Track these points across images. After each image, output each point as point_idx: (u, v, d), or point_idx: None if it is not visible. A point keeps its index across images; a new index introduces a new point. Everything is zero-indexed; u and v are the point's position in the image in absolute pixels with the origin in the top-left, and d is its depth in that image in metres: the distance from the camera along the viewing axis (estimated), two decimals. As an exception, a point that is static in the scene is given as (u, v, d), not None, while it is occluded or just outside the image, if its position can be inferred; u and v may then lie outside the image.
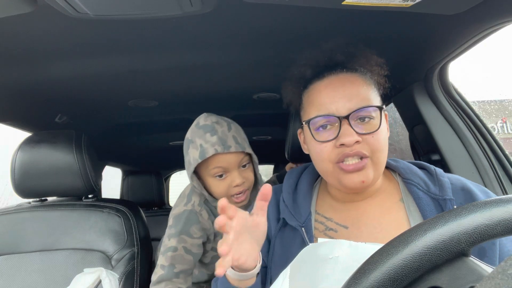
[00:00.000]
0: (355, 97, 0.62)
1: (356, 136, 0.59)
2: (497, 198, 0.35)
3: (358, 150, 0.60)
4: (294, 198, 0.71)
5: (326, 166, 0.64)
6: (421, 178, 0.66)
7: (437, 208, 0.61)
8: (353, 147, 0.60)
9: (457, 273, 0.33)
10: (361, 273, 0.34)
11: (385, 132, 0.63)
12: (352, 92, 0.62)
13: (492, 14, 0.70)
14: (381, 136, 0.61)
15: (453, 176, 0.67)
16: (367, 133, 0.60)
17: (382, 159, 0.62)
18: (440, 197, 0.61)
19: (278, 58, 0.99)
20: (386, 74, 0.70)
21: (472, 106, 1.03)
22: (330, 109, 0.62)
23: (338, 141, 0.60)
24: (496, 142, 1.00)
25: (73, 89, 1.14)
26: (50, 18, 0.69)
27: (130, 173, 2.61)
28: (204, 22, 0.75)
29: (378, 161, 0.61)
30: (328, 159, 0.63)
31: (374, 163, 0.61)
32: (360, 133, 0.60)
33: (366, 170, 0.61)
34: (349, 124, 0.60)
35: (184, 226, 1.00)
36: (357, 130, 0.60)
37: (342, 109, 0.61)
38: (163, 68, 1.03)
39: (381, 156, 0.62)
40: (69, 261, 1.10)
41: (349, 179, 0.61)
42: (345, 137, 0.60)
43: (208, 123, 0.98)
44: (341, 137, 0.60)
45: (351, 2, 0.63)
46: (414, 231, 0.35)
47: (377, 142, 0.60)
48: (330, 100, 0.63)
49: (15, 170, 1.14)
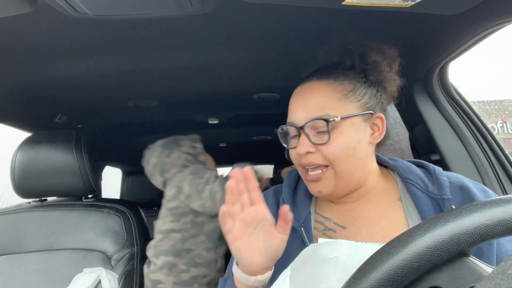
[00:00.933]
0: (312, 107, 0.63)
1: (307, 147, 0.61)
2: (497, 198, 0.35)
3: (311, 161, 0.62)
4: (293, 199, 0.71)
5: (299, 169, 0.68)
6: (420, 177, 0.66)
7: (436, 208, 0.61)
8: (307, 157, 0.62)
9: (457, 273, 0.33)
10: (361, 273, 0.34)
11: (347, 141, 0.62)
12: (311, 102, 0.63)
13: (492, 14, 0.70)
14: (337, 146, 0.61)
15: (452, 174, 0.67)
16: (320, 143, 0.61)
17: (346, 169, 0.62)
18: (438, 197, 0.61)
19: (278, 58, 0.99)
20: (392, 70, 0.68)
21: (472, 106, 1.03)
22: (292, 118, 0.65)
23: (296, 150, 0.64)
24: (496, 142, 1.00)
25: (73, 89, 1.14)
26: (50, 18, 0.69)
27: (130, 173, 2.61)
28: (204, 22, 0.75)
29: (340, 171, 0.62)
30: (297, 164, 0.66)
31: (336, 173, 0.62)
32: (314, 143, 0.61)
33: (324, 181, 0.63)
34: (304, 134, 0.62)
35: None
36: (312, 140, 0.61)
37: (300, 118, 0.63)
38: (163, 68, 1.03)
39: (342, 166, 0.62)
40: (69, 261, 1.10)
41: (310, 187, 0.66)
42: (298, 147, 0.62)
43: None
44: (297, 146, 0.63)
45: (351, 2, 0.63)
46: (414, 231, 0.35)
47: (331, 152, 0.61)
48: (293, 109, 0.66)
49: (15, 170, 1.14)
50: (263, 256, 0.55)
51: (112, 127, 1.72)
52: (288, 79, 0.75)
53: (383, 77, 0.67)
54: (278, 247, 0.55)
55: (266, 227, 0.55)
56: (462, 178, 0.65)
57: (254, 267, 0.55)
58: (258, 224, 0.56)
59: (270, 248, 0.55)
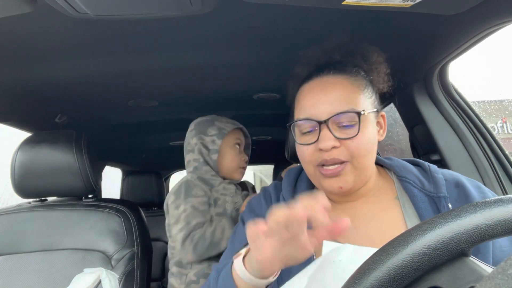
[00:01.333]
0: (336, 101, 0.61)
1: (333, 141, 0.60)
2: (497, 198, 0.35)
3: (334, 156, 0.60)
4: (294, 197, 0.71)
5: (308, 167, 0.65)
6: (416, 175, 0.66)
7: (432, 206, 0.61)
8: (331, 152, 0.60)
9: (457, 273, 0.33)
10: (361, 273, 0.34)
11: (368, 136, 0.61)
12: (334, 96, 0.62)
13: (492, 14, 0.70)
14: (362, 141, 0.60)
15: (447, 171, 0.67)
16: (346, 138, 0.60)
17: (365, 164, 0.62)
18: (434, 195, 0.61)
19: (278, 58, 0.99)
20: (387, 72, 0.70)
21: (472, 106, 1.03)
22: (311, 113, 0.63)
23: (317, 145, 0.61)
24: (496, 142, 1.00)
25: (73, 89, 1.14)
26: (50, 18, 0.69)
27: (130, 173, 2.61)
28: (204, 22, 0.75)
29: (359, 166, 0.61)
30: (310, 161, 0.63)
31: (355, 168, 0.61)
32: (339, 138, 0.60)
33: (345, 176, 0.61)
34: (328, 128, 0.60)
35: (186, 191, 1.12)
36: (336, 135, 0.60)
37: (322, 113, 0.61)
38: (163, 68, 1.03)
39: (362, 161, 0.61)
40: (69, 261, 1.10)
41: (328, 183, 0.62)
42: (322, 142, 0.60)
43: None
44: (319, 141, 0.61)
45: (351, 2, 0.63)
46: (414, 231, 0.35)
47: (357, 147, 0.60)
48: (311, 104, 0.63)
49: (15, 170, 1.14)
50: (283, 264, 0.51)
51: (112, 127, 1.72)
52: (288, 79, 0.75)
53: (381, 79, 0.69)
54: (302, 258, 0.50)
55: (300, 240, 0.48)
56: (457, 175, 0.65)
57: (268, 272, 0.51)
58: (294, 238, 0.48)
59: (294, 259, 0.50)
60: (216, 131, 1.21)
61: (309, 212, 0.44)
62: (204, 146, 1.21)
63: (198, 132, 1.22)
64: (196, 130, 1.23)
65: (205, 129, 1.22)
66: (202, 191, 1.13)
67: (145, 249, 1.18)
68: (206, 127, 1.22)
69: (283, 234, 0.46)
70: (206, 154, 1.20)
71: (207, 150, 1.21)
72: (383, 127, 0.68)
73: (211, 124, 1.23)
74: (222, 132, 1.21)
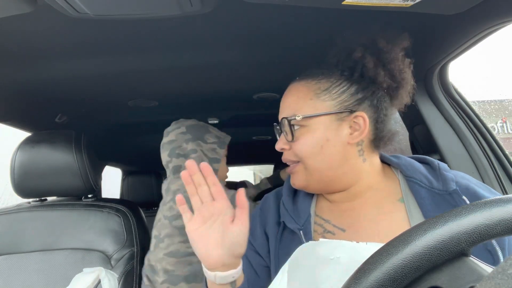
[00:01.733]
0: (285, 107, 0.68)
1: (281, 144, 0.68)
2: (497, 198, 0.35)
3: (285, 157, 0.69)
4: (294, 201, 0.71)
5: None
6: (423, 174, 0.64)
7: (442, 205, 0.59)
8: (284, 153, 0.69)
9: (457, 273, 0.33)
10: (361, 272, 0.34)
11: (313, 140, 0.63)
12: (286, 102, 0.68)
13: (492, 14, 0.70)
14: (302, 144, 0.65)
15: (458, 173, 0.64)
16: (288, 141, 0.66)
17: (313, 165, 0.64)
18: (445, 192, 0.60)
19: (278, 58, 0.99)
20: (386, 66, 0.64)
21: (472, 106, 1.03)
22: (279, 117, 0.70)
23: None
24: (496, 142, 1.00)
25: (73, 89, 1.14)
26: (50, 18, 0.69)
27: (130, 173, 2.61)
28: (204, 22, 0.75)
29: (308, 167, 0.65)
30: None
31: (306, 169, 0.66)
32: (287, 141, 0.67)
33: (296, 175, 0.67)
34: (281, 132, 0.68)
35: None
36: (286, 138, 0.66)
37: (280, 117, 0.69)
38: (163, 68, 1.03)
39: (309, 162, 0.64)
40: (68, 261, 1.10)
41: (290, 179, 0.70)
42: (276, 144, 0.69)
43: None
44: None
45: (351, 2, 0.63)
46: (414, 231, 0.35)
47: (297, 149, 0.65)
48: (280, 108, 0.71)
49: (14, 170, 1.14)
50: (220, 250, 0.55)
51: (112, 127, 1.72)
52: (288, 79, 0.75)
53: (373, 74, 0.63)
54: (236, 240, 0.54)
55: (225, 221, 0.56)
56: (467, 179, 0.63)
57: (211, 260, 0.55)
58: (218, 219, 0.56)
59: (227, 241, 0.54)
60: (215, 139, 1.20)
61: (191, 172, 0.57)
62: (204, 154, 1.17)
63: (194, 138, 1.17)
64: (192, 135, 1.18)
65: (202, 135, 1.18)
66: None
67: (145, 249, 1.18)
68: (203, 133, 1.19)
69: (200, 209, 0.56)
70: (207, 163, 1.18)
71: (207, 158, 1.18)
72: (361, 128, 0.63)
73: (206, 130, 1.20)
74: (223, 142, 1.21)
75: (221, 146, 1.20)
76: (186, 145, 1.17)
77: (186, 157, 1.16)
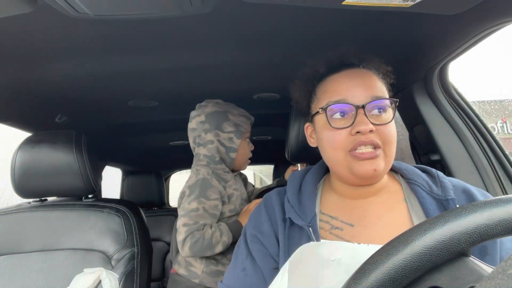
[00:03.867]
0: (372, 88, 0.63)
1: (371, 125, 0.60)
2: (497, 198, 0.35)
3: (372, 139, 0.61)
4: (299, 199, 0.71)
5: (337, 154, 0.64)
6: (424, 179, 0.67)
7: (440, 209, 0.61)
8: (368, 135, 0.61)
9: (457, 273, 0.33)
10: (361, 273, 0.34)
11: (395, 126, 0.65)
12: (370, 83, 0.64)
13: (492, 14, 0.70)
14: (393, 129, 0.63)
15: (453, 179, 0.69)
16: (381, 124, 0.62)
17: (392, 152, 0.64)
18: (443, 198, 0.62)
19: (278, 58, 0.99)
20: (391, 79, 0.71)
21: (472, 106, 1.03)
22: (347, 96, 0.63)
23: (354, 129, 0.61)
24: (496, 142, 1.00)
25: (73, 89, 1.14)
26: (50, 18, 0.69)
27: (130, 173, 2.61)
28: (204, 22, 0.75)
29: (389, 153, 0.63)
30: (341, 147, 0.63)
31: (386, 155, 0.62)
32: (374, 124, 0.61)
33: (378, 160, 0.61)
34: (364, 113, 0.61)
35: (201, 190, 1.11)
36: (371, 120, 0.61)
37: (359, 97, 0.63)
38: (163, 68, 1.03)
39: (391, 149, 0.63)
40: (69, 261, 1.10)
41: (362, 166, 0.62)
42: (360, 125, 0.60)
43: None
44: (356, 125, 0.61)
45: (351, 2, 0.63)
46: (414, 231, 0.35)
47: (389, 134, 0.62)
48: (347, 88, 0.64)
49: (15, 170, 1.14)
50: None
51: (112, 127, 1.72)
52: (288, 79, 0.75)
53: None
54: None
55: None
56: (463, 183, 0.67)
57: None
58: None
59: None
60: (233, 128, 1.20)
61: None
62: (221, 144, 1.19)
63: (213, 127, 1.18)
64: (211, 124, 1.18)
65: (220, 123, 1.19)
66: (217, 193, 1.13)
67: (145, 249, 1.18)
68: (221, 121, 1.19)
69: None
70: (224, 152, 1.20)
71: (224, 147, 1.20)
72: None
73: (225, 118, 1.20)
74: (240, 130, 1.21)
75: (238, 136, 1.20)
76: (205, 135, 1.19)
77: (204, 146, 1.19)
